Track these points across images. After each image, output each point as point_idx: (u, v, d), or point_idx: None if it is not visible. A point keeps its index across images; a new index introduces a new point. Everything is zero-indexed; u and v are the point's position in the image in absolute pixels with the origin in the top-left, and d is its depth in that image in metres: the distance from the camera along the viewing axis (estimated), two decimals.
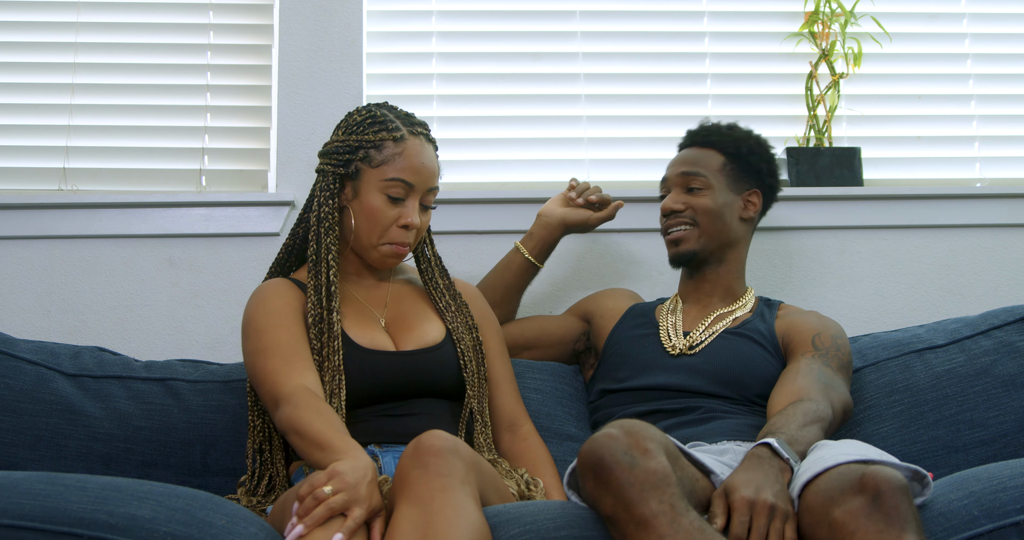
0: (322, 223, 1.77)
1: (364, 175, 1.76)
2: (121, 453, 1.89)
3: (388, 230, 1.77)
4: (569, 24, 2.62)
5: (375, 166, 1.76)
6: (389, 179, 1.75)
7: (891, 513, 1.27)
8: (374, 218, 1.76)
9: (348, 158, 1.77)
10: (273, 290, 1.78)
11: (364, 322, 1.78)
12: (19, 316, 2.31)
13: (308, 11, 2.52)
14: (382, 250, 1.78)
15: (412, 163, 1.76)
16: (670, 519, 1.28)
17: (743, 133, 2.10)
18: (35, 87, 2.51)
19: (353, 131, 1.79)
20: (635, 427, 1.38)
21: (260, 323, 1.71)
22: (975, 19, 2.67)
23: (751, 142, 2.08)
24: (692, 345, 1.94)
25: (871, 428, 1.95)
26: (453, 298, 1.88)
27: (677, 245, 2.03)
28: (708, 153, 2.06)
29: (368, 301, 1.83)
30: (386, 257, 1.80)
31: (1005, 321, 2.03)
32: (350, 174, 1.78)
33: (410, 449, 1.40)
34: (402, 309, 1.84)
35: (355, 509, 1.34)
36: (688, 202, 2.02)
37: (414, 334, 1.79)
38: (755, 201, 2.06)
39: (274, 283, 1.81)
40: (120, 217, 2.37)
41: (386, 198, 1.76)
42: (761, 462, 1.46)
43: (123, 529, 1.25)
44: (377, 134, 1.77)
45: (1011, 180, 2.59)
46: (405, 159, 1.76)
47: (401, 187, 1.75)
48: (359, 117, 1.81)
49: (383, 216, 1.76)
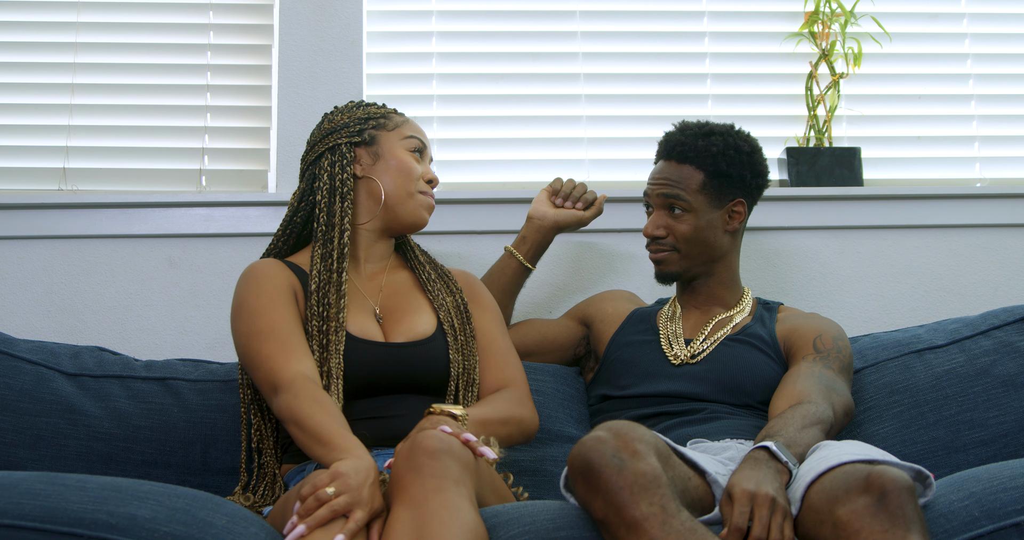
0: (337, 189, 1.81)
1: (382, 138, 1.86)
2: (121, 452, 1.88)
3: (418, 183, 1.86)
4: (569, 24, 2.62)
5: (391, 129, 1.88)
6: (408, 136, 1.88)
7: (896, 513, 1.27)
8: (405, 170, 1.85)
9: (361, 128, 1.86)
10: (265, 270, 1.77)
11: (358, 309, 1.77)
12: (19, 316, 2.31)
13: (308, 11, 2.52)
14: (419, 199, 1.85)
15: (418, 129, 1.92)
16: (661, 521, 1.28)
17: (720, 144, 1.96)
18: (35, 87, 2.50)
19: (351, 111, 1.90)
20: (624, 428, 1.38)
21: (253, 305, 1.70)
22: (975, 19, 2.67)
23: (730, 154, 1.96)
24: (694, 354, 1.94)
25: (871, 429, 1.95)
26: (440, 277, 1.89)
27: (659, 265, 2.01)
28: (687, 170, 1.97)
29: (364, 289, 1.83)
30: (421, 208, 1.86)
31: (1005, 321, 2.03)
32: (366, 140, 1.85)
33: (405, 450, 1.39)
34: (396, 299, 1.83)
35: (357, 511, 1.34)
36: (669, 227, 1.97)
37: (404, 326, 1.78)
38: (740, 210, 2.00)
39: (266, 263, 1.79)
40: (120, 217, 2.37)
41: (410, 153, 1.87)
42: (759, 464, 1.46)
43: (123, 529, 1.25)
44: (379, 108, 1.92)
45: (1011, 180, 2.59)
46: (411, 126, 1.91)
47: (419, 143, 1.89)
48: (347, 105, 1.93)
49: (413, 168, 1.85)
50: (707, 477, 1.50)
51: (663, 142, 2.05)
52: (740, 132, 2.02)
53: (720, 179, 1.97)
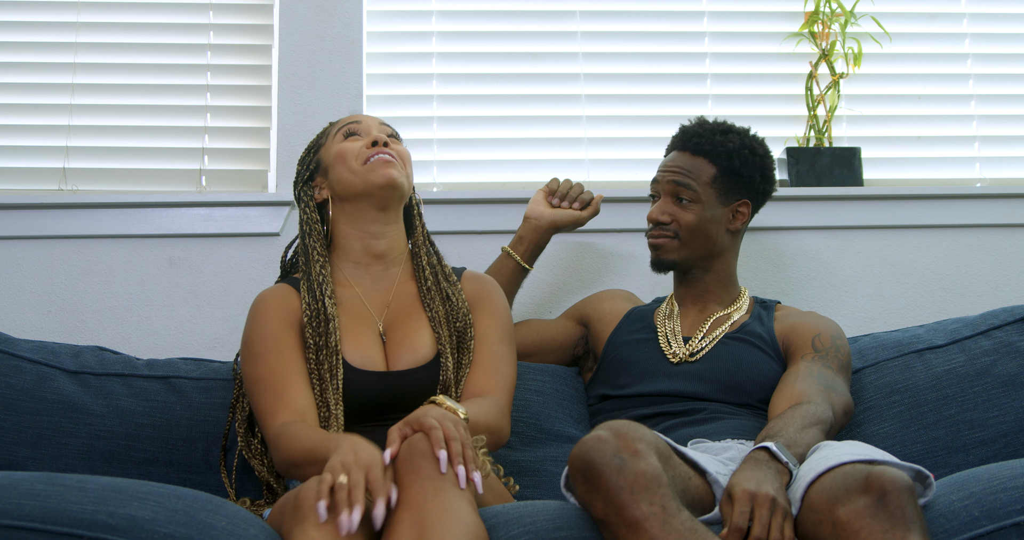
0: (305, 232, 1.82)
1: (323, 154, 1.87)
2: (123, 451, 1.88)
3: (359, 155, 1.81)
4: (569, 24, 2.62)
5: (328, 141, 1.88)
6: (338, 130, 1.87)
7: (896, 513, 1.27)
8: (340, 155, 1.83)
9: (307, 163, 1.89)
10: (271, 305, 1.77)
11: (360, 332, 1.76)
12: (19, 316, 2.31)
13: (308, 11, 2.52)
14: (369, 166, 1.79)
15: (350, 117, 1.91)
16: (661, 521, 1.28)
17: (736, 142, 2.00)
18: (35, 87, 2.50)
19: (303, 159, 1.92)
20: (624, 428, 1.38)
21: (255, 348, 1.72)
22: (975, 19, 2.67)
23: (744, 153, 1.99)
24: (693, 352, 1.94)
25: (871, 428, 1.95)
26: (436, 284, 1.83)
27: (657, 250, 2.01)
28: (700, 163, 2.00)
29: (370, 300, 1.81)
30: (377, 168, 1.78)
31: (1005, 321, 2.03)
32: (314, 169, 1.88)
33: (403, 453, 1.39)
34: (401, 315, 1.81)
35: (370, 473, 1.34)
36: (674, 214, 1.98)
37: (406, 348, 1.76)
38: (744, 211, 2.02)
39: (274, 293, 1.80)
40: (120, 217, 2.37)
41: (344, 140, 1.85)
42: (759, 464, 1.46)
43: (123, 530, 1.25)
44: (321, 132, 1.93)
45: (1011, 180, 2.59)
46: (343, 120, 1.91)
47: (348, 128, 1.87)
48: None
49: (345, 149, 1.83)
50: (708, 477, 1.50)
51: (680, 133, 2.08)
52: (756, 136, 2.06)
53: (731, 176, 1.99)
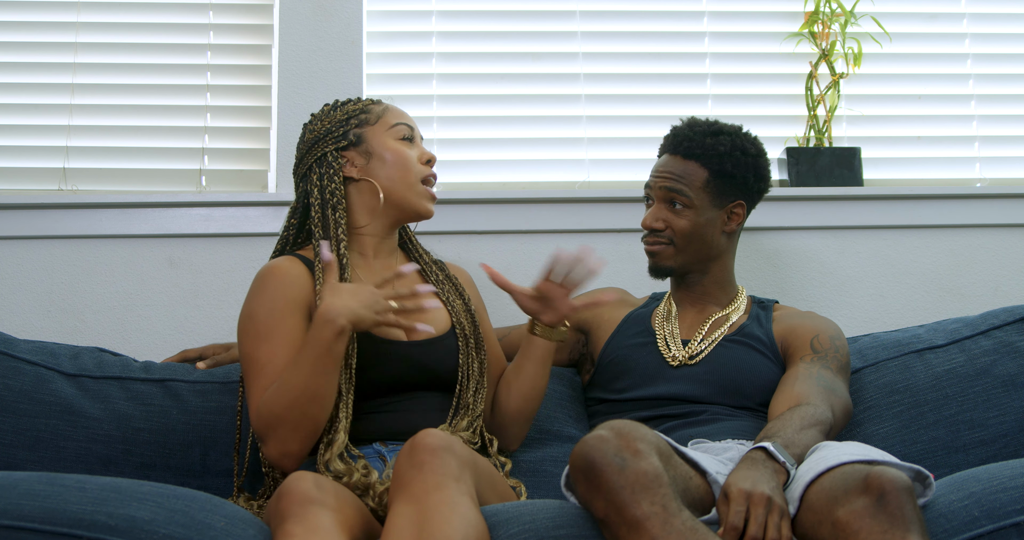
0: (328, 201, 1.77)
1: (368, 134, 1.83)
2: (120, 454, 1.88)
3: (417, 168, 1.83)
4: (569, 24, 2.62)
5: (375, 122, 1.84)
6: (394, 124, 1.84)
7: (895, 514, 1.27)
8: (401, 159, 1.82)
9: (344, 130, 1.83)
10: (281, 279, 1.73)
11: None
12: (19, 316, 2.31)
13: (308, 11, 2.52)
14: (420, 189, 1.83)
15: (402, 113, 1.89)
16: (662, 520, 1.28)
17: (728, 144, 1.96)
18: (35, 87, 2.50)
19: (330, 114, 1.86)
20: (625, 428, 1.38)
21: (260, 327, 1.69)
22: (975, 19, 2.67)
23: (736, 155, 1.96)
24: (692, 355, 1.93)
25: (871, 428, 1.95)
26: (448, 278, 1.89)
27: (654, 257, 2.00)
28: (692, 167, 1.96)
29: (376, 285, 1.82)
30: (426, 198, 1.84)
31: (1005, 321, 2.03)
32: (352, 141, 1.82)
33: (406, 448, 1.41)
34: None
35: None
36: (668, 221, 1.96)
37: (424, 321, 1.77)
38: (739, 212, 1.99)
39: (285, 266, 1.76)
40: (120, 217, 2.37)
41: (400, 140, 1.84)
42: (755, 463, 1.46)
43: (122, 530, 1.25)
44: (356, 104, 1.87)
45: (1011, 180, 2.59)
46: (394, 111, 1.88)
47: (407, 129, 1.85)
48: (323, 110, 1.89)
49: (408, 157, 1.83)
50: (708, 477, 1.50)
51: (670, 136, 2.04)
52: (748, 135, 2.02)
53: (723, 179, 1.96)
